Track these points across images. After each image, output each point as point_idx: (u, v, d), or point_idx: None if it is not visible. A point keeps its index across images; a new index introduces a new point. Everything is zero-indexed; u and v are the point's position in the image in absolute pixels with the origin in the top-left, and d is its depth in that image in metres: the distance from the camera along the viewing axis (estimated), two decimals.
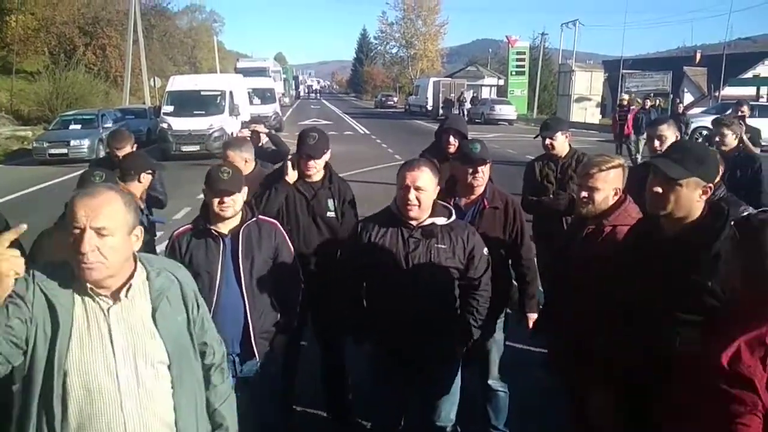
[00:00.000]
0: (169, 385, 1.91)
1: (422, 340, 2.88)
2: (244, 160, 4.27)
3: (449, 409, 3.06)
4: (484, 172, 3.45)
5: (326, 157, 3.79)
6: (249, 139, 5.39)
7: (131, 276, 1.85)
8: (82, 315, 1.79)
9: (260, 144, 5.91)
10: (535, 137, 4.94)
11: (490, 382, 3.68)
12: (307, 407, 4.28)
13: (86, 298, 1.80)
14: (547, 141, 4.67)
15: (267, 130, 6.25)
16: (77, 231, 1.72)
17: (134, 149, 5.07)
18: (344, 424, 4.04)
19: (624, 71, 40.33)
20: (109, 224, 1.74)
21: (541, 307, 3.57)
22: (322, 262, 3.66)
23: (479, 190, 3.50)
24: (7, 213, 3.82)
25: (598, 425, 2.58)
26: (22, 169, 17.92)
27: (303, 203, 3.71)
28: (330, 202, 3.80)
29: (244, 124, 11.38)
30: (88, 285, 1.77)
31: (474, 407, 3.63)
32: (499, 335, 3.65)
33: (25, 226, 1.61)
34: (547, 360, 3.69)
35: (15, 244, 3.19)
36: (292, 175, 3.74)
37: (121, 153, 4.88)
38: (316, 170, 3.77)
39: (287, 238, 3.22)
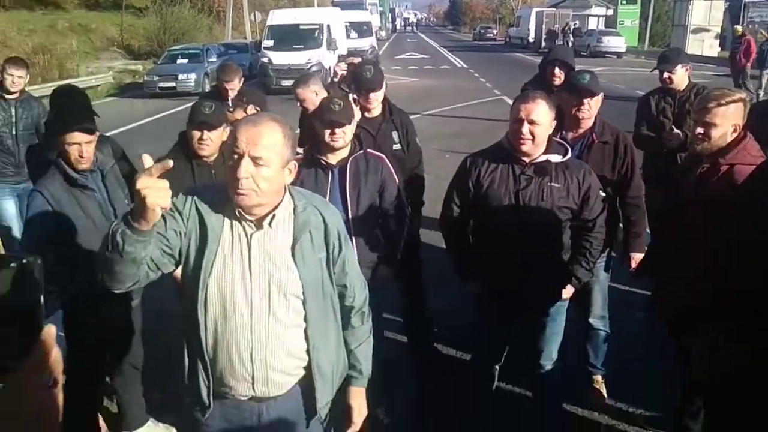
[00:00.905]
0: (301, 318, 1.93)
1: (529, 280, 2.82)
2: (315, 93, 4.27)
3: (552, 348, 3.02)
4: (590, 104, 3.28)
5: (384, 89, 3.77)
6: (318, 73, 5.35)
7: (277, 206, 1.88)
8: (228, 236, 1.87)
9: None
10: (652, 70, 4.64)
11: (591, 320, 3.63)
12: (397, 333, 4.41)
13: (234, 222, 1.87)
14: (666, 74, 4.37)
15: None
16: (236, 156, 1.77)
17: (242, 83, 5.20)
18: (426, 359, 4.11)
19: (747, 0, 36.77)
20: (266, 155, 1.77)
21: (646, 248, 3.44)
22: None
23: (586, 124, 3.34)
24: (123, 143, 4.07)
25: (702, 369, 2.50)
26: (134, 101, 18.88)
27: (369, 140, 3.65)
28: (395, 135, 3.80)
29: (341, 58, 11.40)
30: (237, 209, 1.83)
31: (573, 345, 3.59)
32: (602, 274, 3.56)
33: (171, 163, 1.62)
34: (649, 303, 3.58)
35: (133, 172, 3.42)
36: (356, 114, 3.72)
37: (229, 86, 5.01)
38: (377, 103, 3.75)
39: (394, 172, 3.22)
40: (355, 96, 3.84)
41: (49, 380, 0.70)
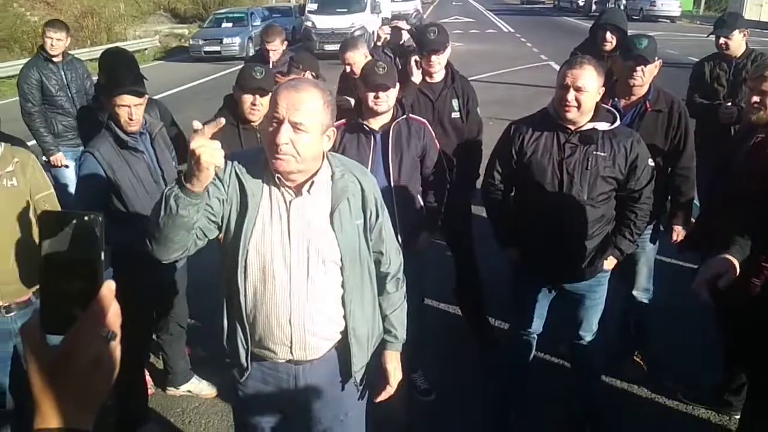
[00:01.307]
0: (339, 285, 1.95)
1: (571, 249, 2.78)
2: (365, 57, 4.20)
3: (593, 319, 2.98)
4: (644, 72, 3.16)
5: (448, 52, 3.65)
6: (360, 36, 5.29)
7: (316, 173, 1.87)
8: (267, 203, 1.89)
9: (401, 42, 5.83)
10: (708, 35, 4.46)
11: (634, 293, 3.56)
12: (438, 302, 4.44)
13: (273, 188, 1.89)
14: (722, 40, 4.20)
15: (408, 27, 6.14)
16: (276, 122, 1.77)
17: (284, 45, 5.20)
18: (476, 323, 4.13)
19: None
20: (306, 121, 1.76)
21: (694, 221, 3.35)
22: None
23: (639, 91, 3.23)
24: (169, 107, 4.13)
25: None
26: (180, 65, 19.09)
27: (428, 106, 3.58)
28: (454, 103, 3.68)
29: (386, 22, 11.28)
30: (277, 175, 1.84)
31: (614, 316, 3.56)
32: (649, 246, 3.48)
33: (223, 120, 1.62)
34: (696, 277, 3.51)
35: (180, 136, 3.47)
36: (417, 76, 3.64)
37: (270, 47, 5.02)
38: (440, 67, 3.63)
39: (435, 138, 3.19)
40: (416, 58, 3.75)
41: (108, 333, 0.73)
